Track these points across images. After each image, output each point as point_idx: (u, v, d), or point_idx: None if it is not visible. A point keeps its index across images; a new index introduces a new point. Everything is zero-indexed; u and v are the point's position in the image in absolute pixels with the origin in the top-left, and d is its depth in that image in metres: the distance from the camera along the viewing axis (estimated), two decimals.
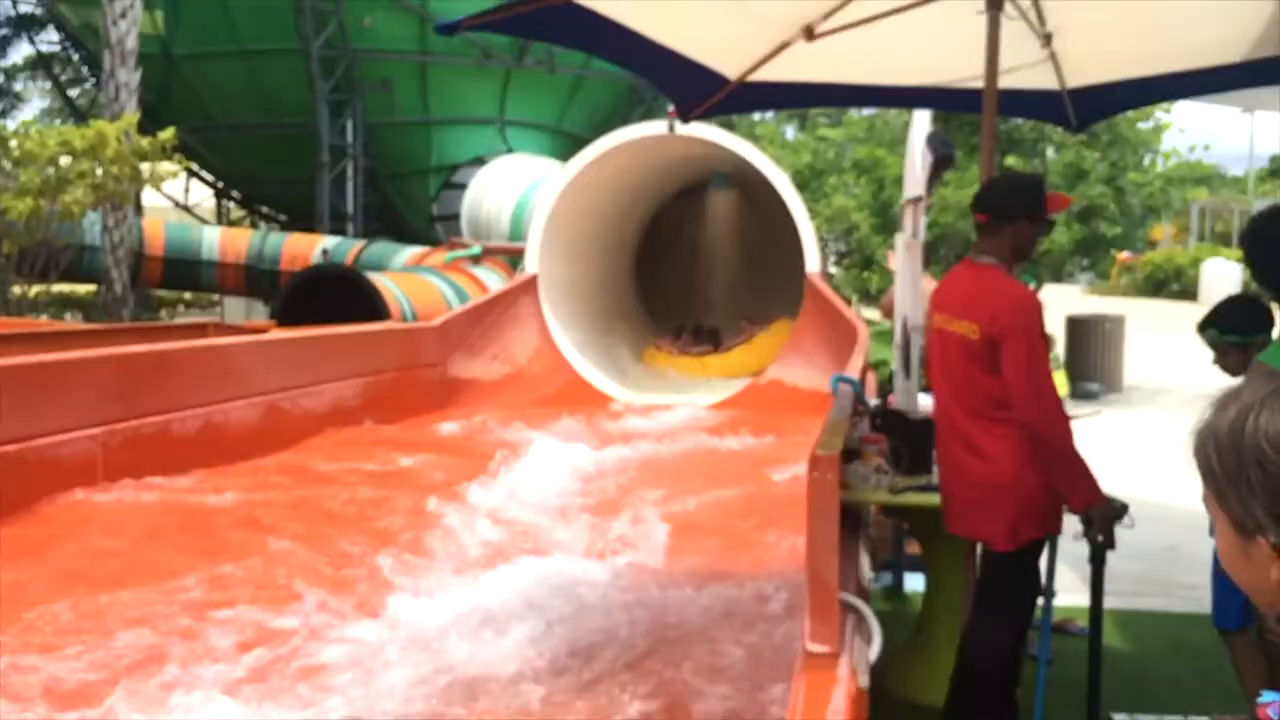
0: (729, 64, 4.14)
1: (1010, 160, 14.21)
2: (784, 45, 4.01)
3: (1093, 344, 14.52)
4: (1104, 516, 3.49)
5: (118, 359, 7.28)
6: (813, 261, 12.14)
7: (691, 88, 4.25)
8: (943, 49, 3.98)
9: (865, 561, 4.24)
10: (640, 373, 12.88)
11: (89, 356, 7.15)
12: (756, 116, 29.14)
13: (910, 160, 5.68)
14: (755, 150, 12.71)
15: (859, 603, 3.35)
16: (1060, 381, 12.87)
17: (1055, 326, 15.88)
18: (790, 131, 27.18)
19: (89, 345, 8.56)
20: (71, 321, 18.96)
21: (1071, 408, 4.06)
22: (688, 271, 14.83)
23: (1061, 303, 17.68)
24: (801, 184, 14.81)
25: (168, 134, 13.38)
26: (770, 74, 4.17)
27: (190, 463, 7.30)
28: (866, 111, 16.32)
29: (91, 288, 18.72)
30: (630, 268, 14.94)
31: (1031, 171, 12.27)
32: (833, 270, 16.05)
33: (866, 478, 4.23)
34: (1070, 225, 14.14)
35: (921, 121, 6.17)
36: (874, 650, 3.21)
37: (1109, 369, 14.50)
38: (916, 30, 3.89)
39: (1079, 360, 14.37)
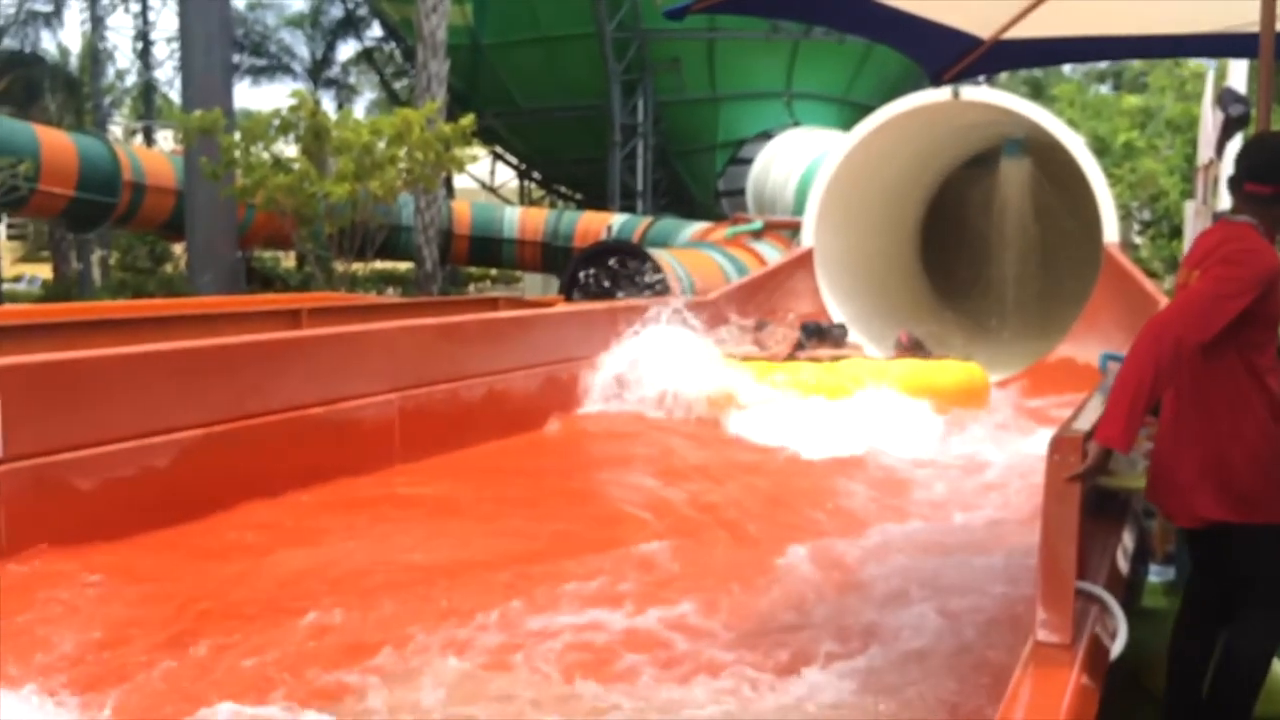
0: (979, 23, 3.93)
1: None
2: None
3: None
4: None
5: (411, 330, 7.89)
6: (1111, 231, 11.33)
7: (940, 50, 4.07)
8: None
9: (1126, 551, 3.95)
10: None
11: (387, 328, 7.79)
12: (1067, 70, 27.33)
13: (1203, 120, 5.21)
14: (1048, 114, 11.99)
15: (1102, 593, 3.15)
16: None
17: None
18: (1105, 88, 25.33)
19: (393, 318, 9.33)
20: (389, 296, 20.72)
21: None
22: (977, 244, 14.21)
23: None
24: (1101, 149, 13.79)
25: (468, 120, 14.32)
26: (1026, 31, 3.92)
27: (477, 426, 7.83)
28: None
29: (410, 264, 20.35)
30: (914, 240, 14.50)
31: None
32: (1136, 241, 14.86)
33: (1134, 463, 3.93)
34: None
35: (1232, 72, 5.62)
36: (1117, 645, 3.03)
37: None
38: None
39: None
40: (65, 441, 5.20)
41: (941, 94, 11.71)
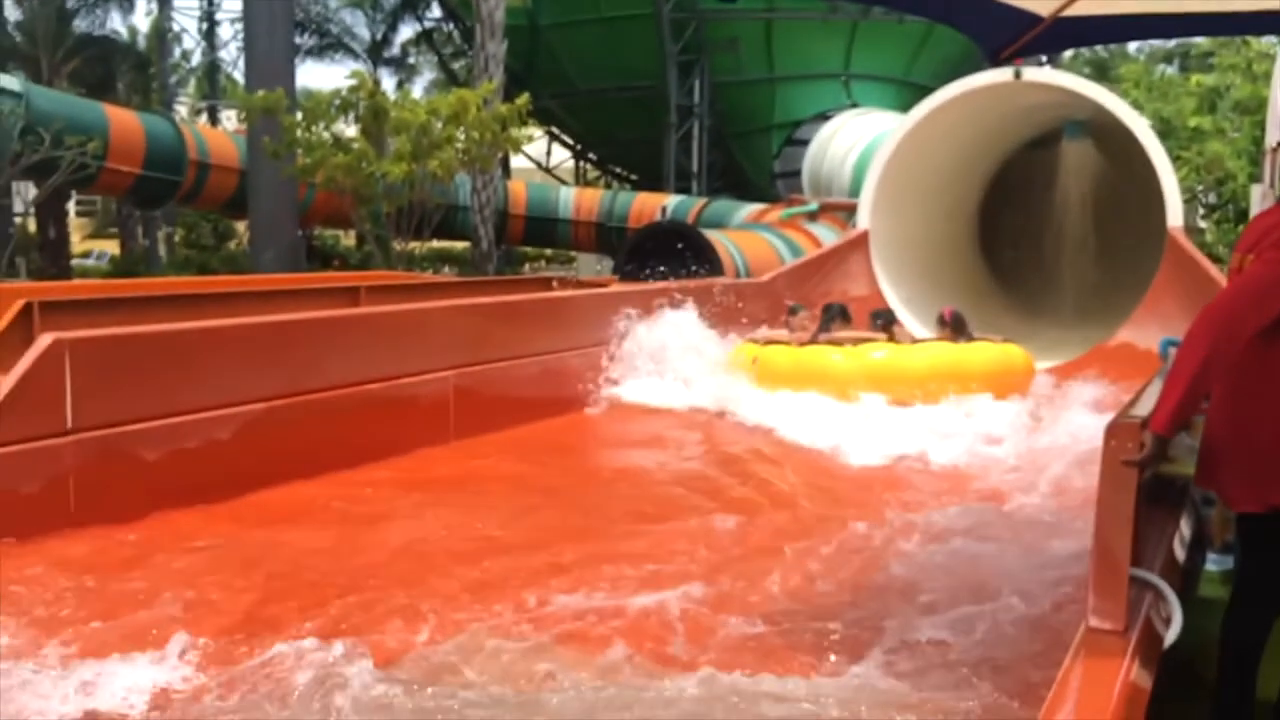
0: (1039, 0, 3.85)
1: None
2: None
3: None
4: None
5: (468, 309, 8.00)
6: (1175, 215, 11.12)
7: (998, 28, 3.99)
8: None
9: (1183, 539, 3.88)
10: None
11: (442, 306, 7.90)
12: (1132, 49, 26.74)
13: (1273, 101, 5.10)
14: (1111, 95, 11.76)
15: (1156, 580, 3.10)
16: None
17: None
18: (1171, 69, 24.79)
19: (449, 297, 9.45)
20: (446, 275, 20.94)
21: None
22: (1038, 227, 14.03)
23: None
24: (1166, 131, 13.50)
25: (523, 100, 14.40)
26: (1087, 7, 3.84)
27: (529, 403, 7.93)
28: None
29: (466, 244, 20.54)
30: (972, 223, 14.34)
31: None
32: (1201, 225, 14.55)
33: (1194, 450, 3.88)
34: None
35: None
36: (1172, 632, 2.98)
37: None
38: None
39: None
40: (132, 414, 5.34)
41: (1002, 75, 11.55)
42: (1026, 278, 13.82)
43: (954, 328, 9.12)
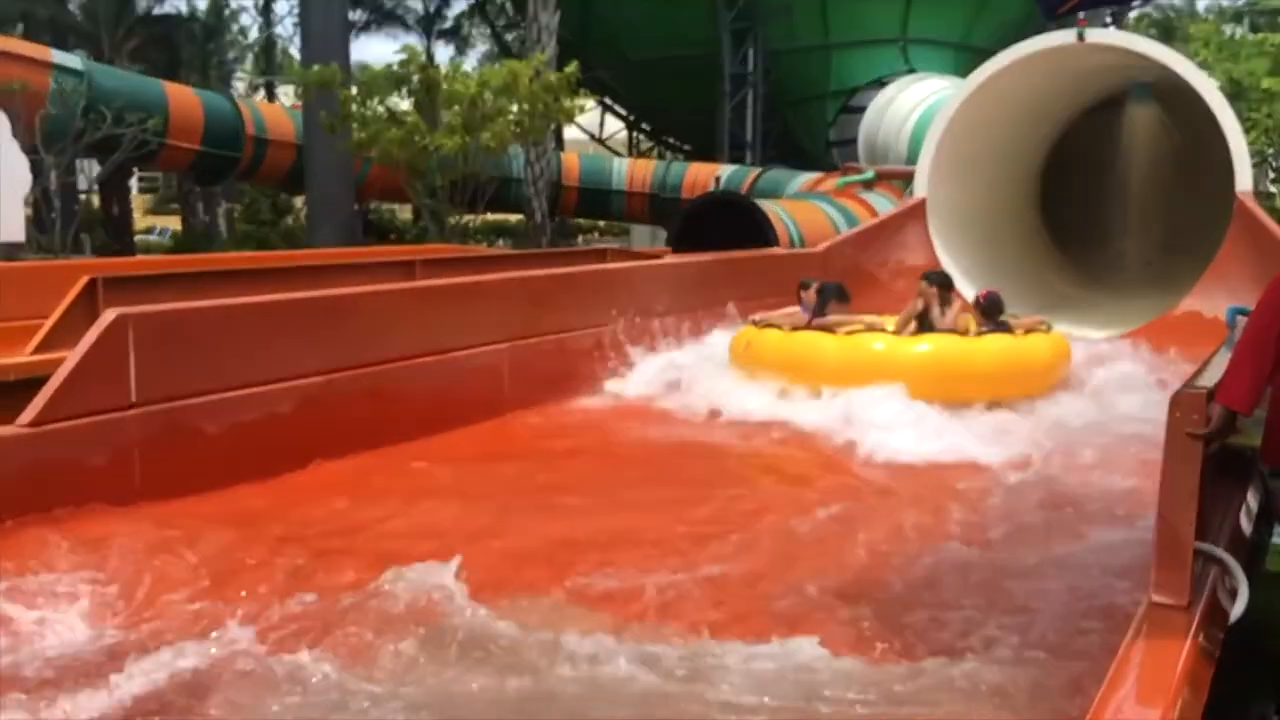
0: None
1: None
2: None
3: None
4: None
5: (522, 282, 8.02)
6: (1244, 179, 10.84)
7: None
8: None
9: (1250, 513, 3.82)
10: (1035, 300, 12.03)
11: (498, 279, 7.94)
12: (1201, 8, 26.00)
13: None
14: (1178, 56, 11.46)
15: (1222, 554, 3.06)
16: None
17: None
18: (1241, 30, 24.07)
19: (506, 269, 9.48)
20: (500, 248, 21.01)
21: None
22: (1101, 193, 13.76)
23: None
24: (1236, 93, 13.12)
25: (572, 68, 14.35)
26: None
27: (583, 377, 7.94)
28: None
29: (520, 216, 20.60)
30: (1033, 190, 14.10)
31: None
32: (1271, 189, 14.17)
33: (1260, 421, 3.79)
34: None
35: None
36: (1237, 607, 2.95)
37: None
38: None
39: None
40: (194, 387, 5.43)
41: (1065, 37, 11.32)
42: (1089, 245, 13.58)
43: (984, 311, 8.06)
